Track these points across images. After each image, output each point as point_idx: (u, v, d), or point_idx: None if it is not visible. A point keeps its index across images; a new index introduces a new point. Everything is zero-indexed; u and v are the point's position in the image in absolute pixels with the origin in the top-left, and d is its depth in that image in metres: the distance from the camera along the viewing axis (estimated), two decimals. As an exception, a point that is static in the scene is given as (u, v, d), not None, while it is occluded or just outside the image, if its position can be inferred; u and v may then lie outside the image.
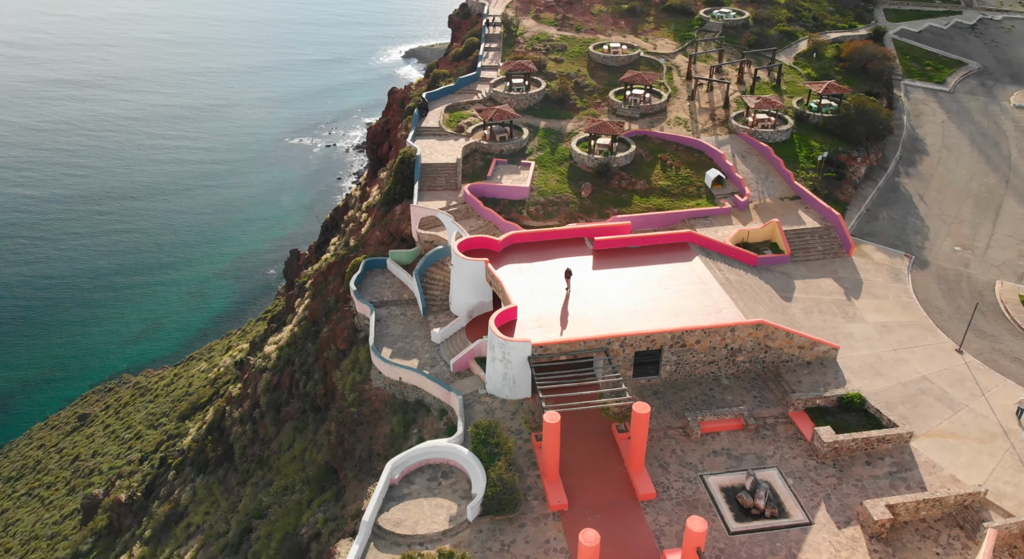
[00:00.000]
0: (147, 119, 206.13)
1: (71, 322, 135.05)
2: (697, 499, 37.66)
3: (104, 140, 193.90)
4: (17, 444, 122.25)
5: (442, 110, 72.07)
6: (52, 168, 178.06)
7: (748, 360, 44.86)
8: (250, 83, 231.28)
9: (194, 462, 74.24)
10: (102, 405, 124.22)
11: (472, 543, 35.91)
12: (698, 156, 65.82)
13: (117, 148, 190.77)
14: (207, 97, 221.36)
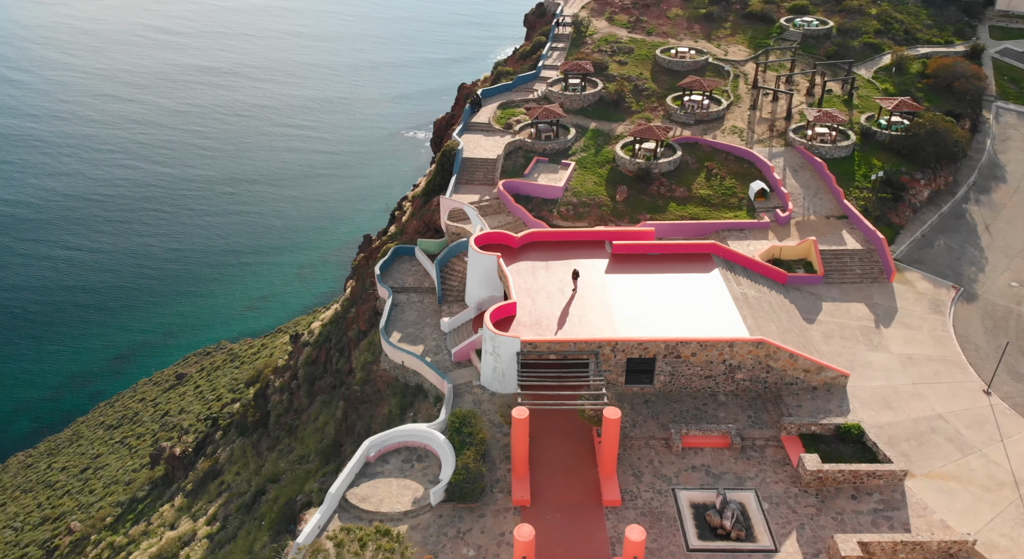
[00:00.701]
0: (275, 108, 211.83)
1: (189, 292, 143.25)
2: (663, 512, 36.93)
3: (233, 125, 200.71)
4: (123, 396, 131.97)
5: (495, 107, 72.93)
6: (186, 148, 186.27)
7: (748, 378, 43.40)
8: (372, 78, 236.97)
9: (238, 425, 78.41)
10: (198, 367, 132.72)
11: (430, 526, 36.62)
12: (747, 167, 63.81)
13: (244, 134, 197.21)
14: (331, 90, 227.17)
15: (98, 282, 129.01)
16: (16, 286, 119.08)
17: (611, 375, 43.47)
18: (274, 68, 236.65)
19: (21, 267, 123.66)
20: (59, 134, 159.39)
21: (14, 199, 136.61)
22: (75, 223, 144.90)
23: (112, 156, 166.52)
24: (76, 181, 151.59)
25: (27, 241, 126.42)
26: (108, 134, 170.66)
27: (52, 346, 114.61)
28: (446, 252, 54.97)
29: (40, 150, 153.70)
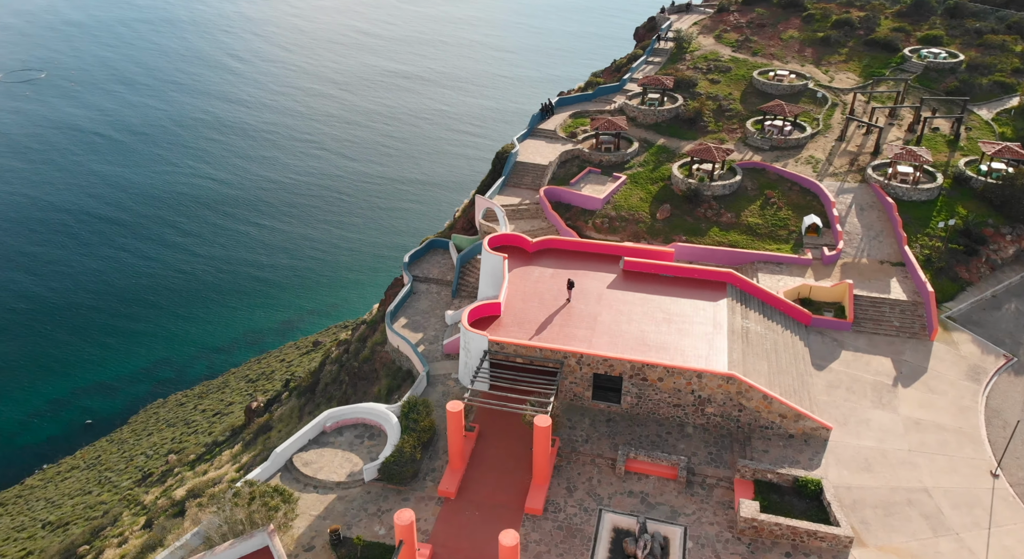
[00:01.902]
0: (456, 115, 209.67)
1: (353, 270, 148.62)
2: (581, 530, 36.17)
3: (418, 127, 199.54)
4: (270, 355, 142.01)
5: (567, 115, 73.14)
6: (371, 145, 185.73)
7: (719, 414, 41.23)
8: (546, 91, 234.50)
9: (298, 389, 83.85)
10: (329, 336, 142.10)
11: (355, 500, 38.12)
12: (809, 200, 59.95)
13: (425, 137, 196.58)
14: (509, 100, 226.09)
15: (267, 259, 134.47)
16: (218, 256, 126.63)
17: (577, 388, 42.91)
18: (461, 76, 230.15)
19: (232, 238, 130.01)
20: (264, 122, 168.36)
21: (220, 176, 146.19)
22: (266, 202, 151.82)
23: (305, 146, 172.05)
24: (271, 166, 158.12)
25: (228, 215, 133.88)
26: (306, 126, 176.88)
27: (239, 311, 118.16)
28: (470, 249, 56.26)
29: (245, 134, 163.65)
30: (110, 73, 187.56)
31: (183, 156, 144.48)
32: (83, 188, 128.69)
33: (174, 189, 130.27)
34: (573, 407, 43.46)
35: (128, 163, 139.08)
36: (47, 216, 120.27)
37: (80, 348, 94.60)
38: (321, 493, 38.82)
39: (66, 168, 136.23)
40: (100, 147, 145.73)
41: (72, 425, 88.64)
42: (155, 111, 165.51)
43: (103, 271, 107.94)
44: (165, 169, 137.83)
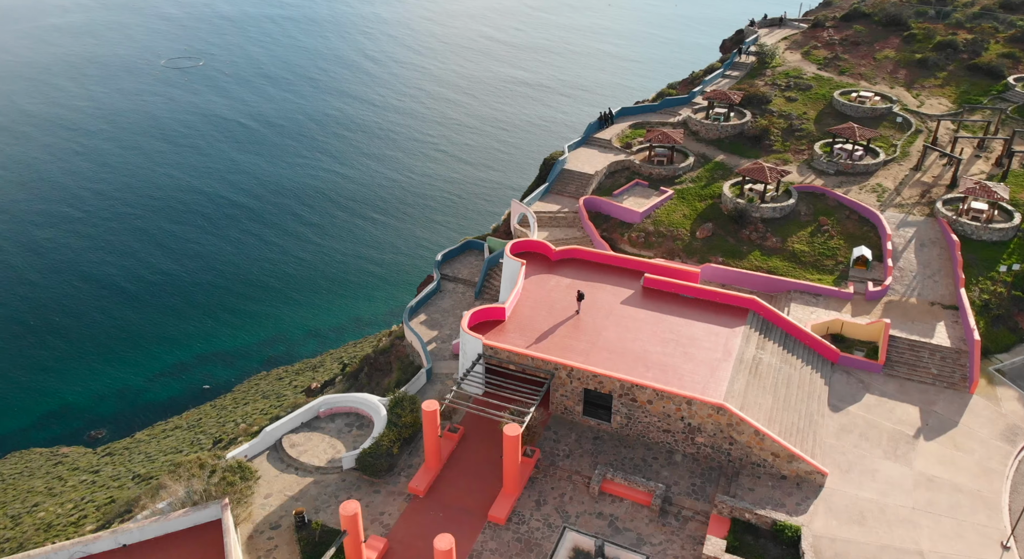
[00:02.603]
0: (571, 124, 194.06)
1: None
2: (539, 545, 35.52)
3: (532, 133, 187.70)
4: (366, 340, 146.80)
5: (627, 125, 71.73)
6: (488, 152, 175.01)
7: (710, 445, 39.36)
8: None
9: (348, 373, 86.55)
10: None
11: (329, 486, 39.00)
12: (866, 230, 56.19)
13: (539, 144, 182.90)
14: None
15: (378, 254, 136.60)
16: (334, 248, 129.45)
17: (568, 402, 42.11)
18: (582, 85, 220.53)
19: (348, 231, 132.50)
20: (389, 122, 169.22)
21: (344, 172, 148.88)
22: (383, 199, 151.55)
23: (424, 147, 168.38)
24: (392, 165, 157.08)
25: (346, 209, 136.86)
26: (428, 128, 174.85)
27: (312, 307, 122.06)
28: (499, 252, 56.27)
29: (371, 133, 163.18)
30: (255, 66, 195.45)
31: (312, 150, 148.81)
32: (220, 174, 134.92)
33: (300, 181, 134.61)
34: (563, 421, 42.69)
35: (261, 153, 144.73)
36: (187, 197, 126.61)
37: (204, 321, 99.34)
38: (300, 475, 39.95)
39: (207, 153, 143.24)
40: (239, 136, 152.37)
41: (191, 388, 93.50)
42: (291, 105, 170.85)
43: (230, 252, 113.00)
44: (294, 161, 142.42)
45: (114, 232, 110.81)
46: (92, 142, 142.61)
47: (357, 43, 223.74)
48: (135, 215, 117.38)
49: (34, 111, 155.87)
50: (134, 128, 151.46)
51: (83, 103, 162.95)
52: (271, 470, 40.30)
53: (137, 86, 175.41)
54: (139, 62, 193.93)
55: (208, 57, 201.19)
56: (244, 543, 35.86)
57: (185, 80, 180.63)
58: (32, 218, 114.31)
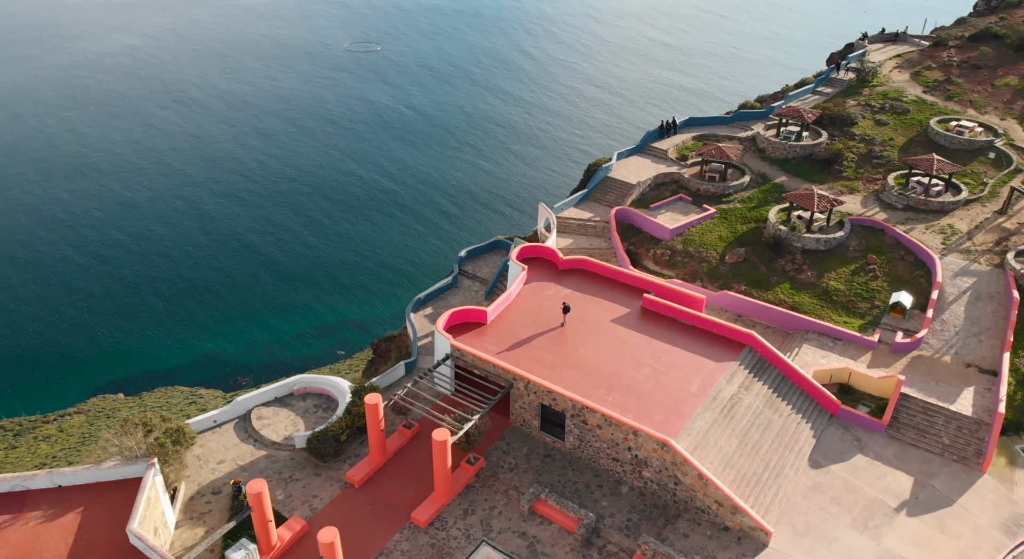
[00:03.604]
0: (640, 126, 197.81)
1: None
2: (450, 554, 35.12)
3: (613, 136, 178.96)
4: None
5: (690, 136, 68.33)
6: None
7: (656, 481, 37.19)
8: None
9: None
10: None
11: (277, 462, 40.36)
12: (918, 275, 50.66)
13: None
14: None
15: None
16: (464, 241, 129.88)
17: (526, 414, 41.14)
18: (743, 92, 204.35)
19: (484, 225, 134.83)
20: (537, 120, 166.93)
21: (487, 167, 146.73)
22: (519, 197, 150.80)
23: (567, 149, 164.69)
24: (533, 163, 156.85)
25: (482, 204, 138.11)
26: (574, 128, 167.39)
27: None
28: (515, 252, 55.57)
29: (517, 131, 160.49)
30: (421, 56, 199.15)
31: (460, 142, 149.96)
32: (372, 161, 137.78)
33: (445, 172, 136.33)
34: (520, 433, 41.81)
35: (415, 142, 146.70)
36: (342, 179, 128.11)
37: (339, 294, 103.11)
38: (257, 447, 41.63)
39: (366, 139, 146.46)
40: (396, 123, 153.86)
41: (327, 352, 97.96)
42: (447, 97, 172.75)
43: (370, 234, 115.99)
44: (443, 152, 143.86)
45: (275, 206, 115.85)
46: (268, 120, 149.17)
47: (518, 39, 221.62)
48: (296, 191, 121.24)
49: (224, 87, 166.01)
50: (306, 108, 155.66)
51: (264, 81, 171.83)
52: (233, 438, 42.28)
53: (314, 69, 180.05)
54: (322, 45, 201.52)
55: (391, 44, 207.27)
56: (184, 502, 37.94)
57: (361, 64, 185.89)
58: (207, 186, 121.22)
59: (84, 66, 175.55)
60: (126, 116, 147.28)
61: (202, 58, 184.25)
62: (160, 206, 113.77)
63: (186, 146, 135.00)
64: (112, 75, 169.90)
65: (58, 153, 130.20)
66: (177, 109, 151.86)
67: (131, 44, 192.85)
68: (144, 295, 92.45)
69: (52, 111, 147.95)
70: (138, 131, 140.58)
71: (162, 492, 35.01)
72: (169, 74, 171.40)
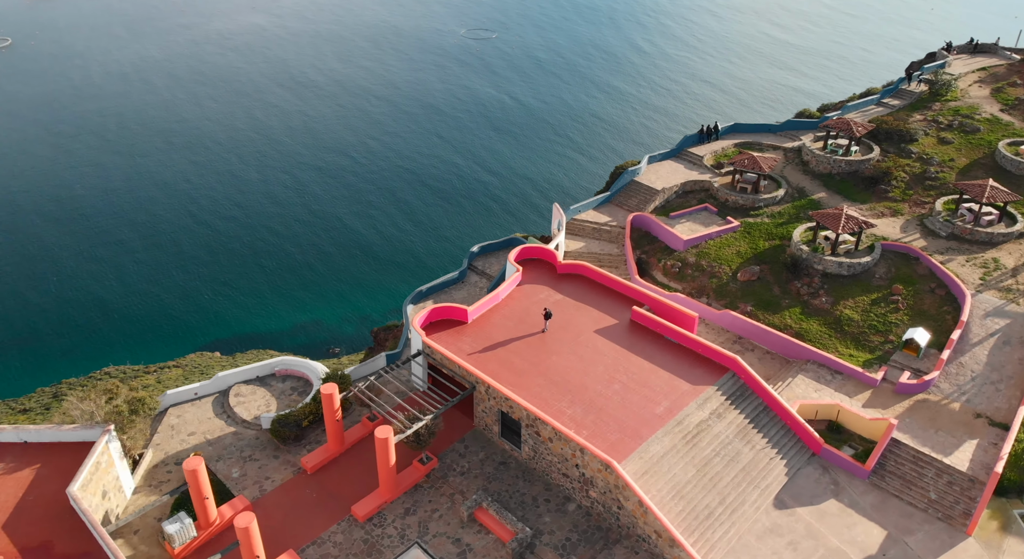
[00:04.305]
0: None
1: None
2: (380, 552, 35.11)
3: None
4: None
5: (732, 143, 64.97)
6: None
7: (601, 503, 35.84)
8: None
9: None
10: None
11: (242, 440, 41.40)
12: (945, 311, 46.48)
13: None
14: None
15: None
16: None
17: (488, 418, 40.50)
18: None
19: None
20: (644, 117, 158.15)
21: (580, 161, 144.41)
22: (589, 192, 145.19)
23: (663, 144, 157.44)
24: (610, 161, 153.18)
25: (569, 197, 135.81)
26: (677, 125, 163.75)
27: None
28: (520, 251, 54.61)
29: (616, 127, 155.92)
30: (529, 46, 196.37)
31: (560, 135, 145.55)
32: (471, 151, 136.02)
33: (542, 166, 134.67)
34: (482, 437, 41.23)
35: (514, 133, 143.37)
36: (438, 166, 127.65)
37: (415, 275, 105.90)
38: (227, 423, 42.84)
39: (467, 128, 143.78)
40: (495, 114, 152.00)
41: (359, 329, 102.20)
42: (551, 88, 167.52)
43: (458, 223, 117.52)
44: (541, 144, 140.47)
45: (375, 189, 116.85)
46: (377, 105, 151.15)
47: (630, 32, 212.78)
48: (396, 176, 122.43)
49: (340, 70, 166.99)
50: (414, 94, 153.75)
51: (376, 65, 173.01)
52: (209, 412, 43.67)
53: (424, 56, 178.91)
54: (438, 31, 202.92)
55: (505, 31, 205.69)
56: (148, 469, 39.56)
57: (471, 52, 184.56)
58: (314, 166, 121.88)
59: (214, 43, 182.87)
60: (248, 93, 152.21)
61: (323, 40, 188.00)
62: (270, 182, 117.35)
63: (299, 126, 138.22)
64: (239, 53, 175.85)
65: (183, 125, 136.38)
66: (295, 89, 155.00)
67: (259, 23, 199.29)
68: (248, 265, 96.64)
69: (182, 84, 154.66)
70: (257, 109, 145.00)
71: (117, 458, 36.56)
72: (291, 55, 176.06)
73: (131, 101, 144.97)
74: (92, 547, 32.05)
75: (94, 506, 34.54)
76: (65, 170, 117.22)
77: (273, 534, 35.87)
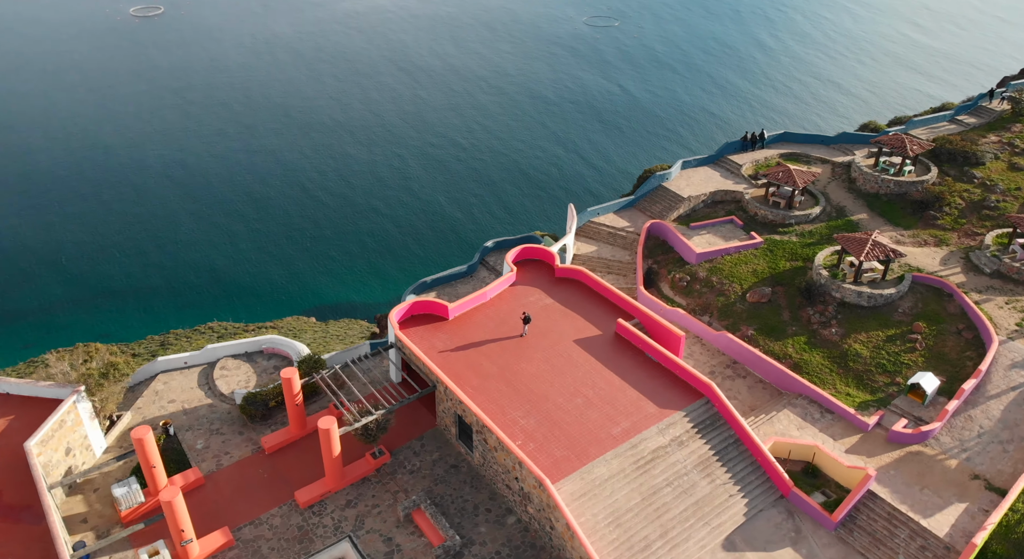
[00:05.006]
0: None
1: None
2: (311, 541, 35.45)
3: None
4: None
5: (778, 153, 60.96)
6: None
7: (537, 520, 34.72)
8: None
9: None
10: None
11: (215, 412, 42.64)
12: (967, 356, 42.10)
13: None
14: None
15: None
16: None
17: (447, 419, 40.00)
18: None
19: None
20: (747, 115, 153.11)
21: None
22: None
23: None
24: None
25: None
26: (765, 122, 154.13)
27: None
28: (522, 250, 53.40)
29: (721, 120, 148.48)
30: (645, 36, 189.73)
31: (669, 131, 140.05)
32: (568, 143, 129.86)
33: (636, 160, 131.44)
34: (440, 438, 40.81)
35: (620, 127, 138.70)
36: (539, 158, 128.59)
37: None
38: (206, 395, 44.19)
39: (570, 119, 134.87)
40: (601, 106, 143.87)
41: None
42: (661, 81, 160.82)
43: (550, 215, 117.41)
44: (648, 140, 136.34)
45: (471, 174, 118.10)
46: (486, 92, 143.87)
47: (756, 28, 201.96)
48: (491, 164, 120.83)
49: (455, 55, 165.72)
50: (523, 82, 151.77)
51: (489, 51, 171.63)
52: (192, 382, 45.18)
53: (538, 45, 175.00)
54: (558, 17, 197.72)
55: (627, 20, 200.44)
56: (123, 431, 41.40)
57: (587, 41, 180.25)
58: (422, 150, 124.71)
59: (340, 22, 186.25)
60: (367, 74, 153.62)
61: (441, 23, 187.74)
62: (377, 162, 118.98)
63: (410, 109, 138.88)
64: (362, 34, 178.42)
65: (304, 102, 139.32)
66: (410, 72, 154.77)
67: (383, 4, 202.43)
68: (349, 240, 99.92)
69: (306, 62, 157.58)
70: (373, 89, 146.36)
71: (87, 418, 38.38)
72: (409, 37, 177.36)
73: (257, 75, 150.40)
74: (35, 501, 33.85)
75: (55, 462, 36.48)
76: (193, 137, 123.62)
77: (216, 508, 36.87)
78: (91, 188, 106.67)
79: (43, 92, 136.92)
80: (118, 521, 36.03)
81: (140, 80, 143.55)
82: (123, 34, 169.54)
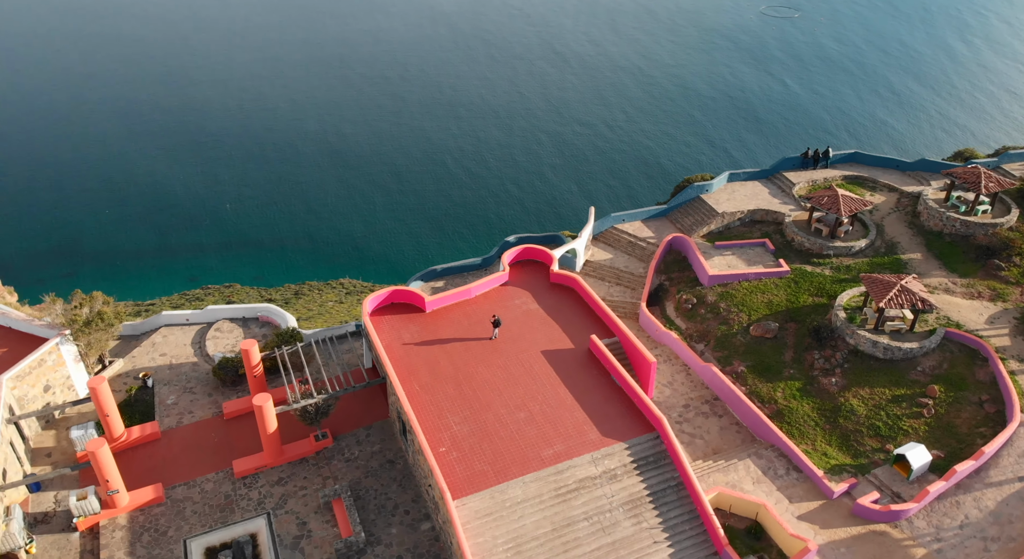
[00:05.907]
0: None
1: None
2: (231, 511, 36.48)
3: None
4: None
5: (840, 174, 54.97)
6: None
7: (445, 532, 33.76)
8: None
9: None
10: None
11: (196, 373, 44.72)
12: (980, 433, 36.47)
13: None
14: None
15: None
16: None
17: (394, 413, 39.64)
18: None
19: None
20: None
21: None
22: None
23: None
24: None
25: None
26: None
27: None
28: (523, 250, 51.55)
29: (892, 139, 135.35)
30: (822, 31, 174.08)
31: (819, 133, 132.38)
32: (716, 141, 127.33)
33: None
34: (388, 430, 40.71)
35: (768, 124, 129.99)
36: (668, 154, 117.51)
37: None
38: (195, 354, 46.29)
39: (720, 116, 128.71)
40: (758, 104, 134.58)
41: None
42: (827, 82, 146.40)
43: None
44: (789, 143, 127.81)
45: (606, 168, 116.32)
46: (637, 80, 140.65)
47: (946, 31, 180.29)
48: (628, 159, 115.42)
49: (607, 46, 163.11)
50: (676, 72, 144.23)
51: (646, 38, 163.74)
52: (187, 340, 47.43)
53: (700, 34, 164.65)
54: (732, 6, 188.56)
55: (811, 11, 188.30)
56: (112, 375, 44.24)
57: (755, 32, 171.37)
58: (557, 134, 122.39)
59: (498, 6, 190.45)
60: (522, 57, 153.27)
61: (600, 7, 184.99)
62: (514, 145, 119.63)
63: (554, 95, 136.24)
64: (525, 18, 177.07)
65: (457, 80, 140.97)
66: (565, 56, 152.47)
67: None
68: (477, 219, 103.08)
69: (467, 42, 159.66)
70: (524, 73, 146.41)
71: (71, 360, 41.27)
72: (568, 21, 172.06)
73: (417, 49, 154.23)
74: (-4, 432, 36.87)
75: (31, 397, 39.57)
76: (353, 107, 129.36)
77: (161, 464, 38.70)
78: (257, 147, 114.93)
79: (226, 53, 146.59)
80: (76, 460, 38.73)
81: (309, 46, 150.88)
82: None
